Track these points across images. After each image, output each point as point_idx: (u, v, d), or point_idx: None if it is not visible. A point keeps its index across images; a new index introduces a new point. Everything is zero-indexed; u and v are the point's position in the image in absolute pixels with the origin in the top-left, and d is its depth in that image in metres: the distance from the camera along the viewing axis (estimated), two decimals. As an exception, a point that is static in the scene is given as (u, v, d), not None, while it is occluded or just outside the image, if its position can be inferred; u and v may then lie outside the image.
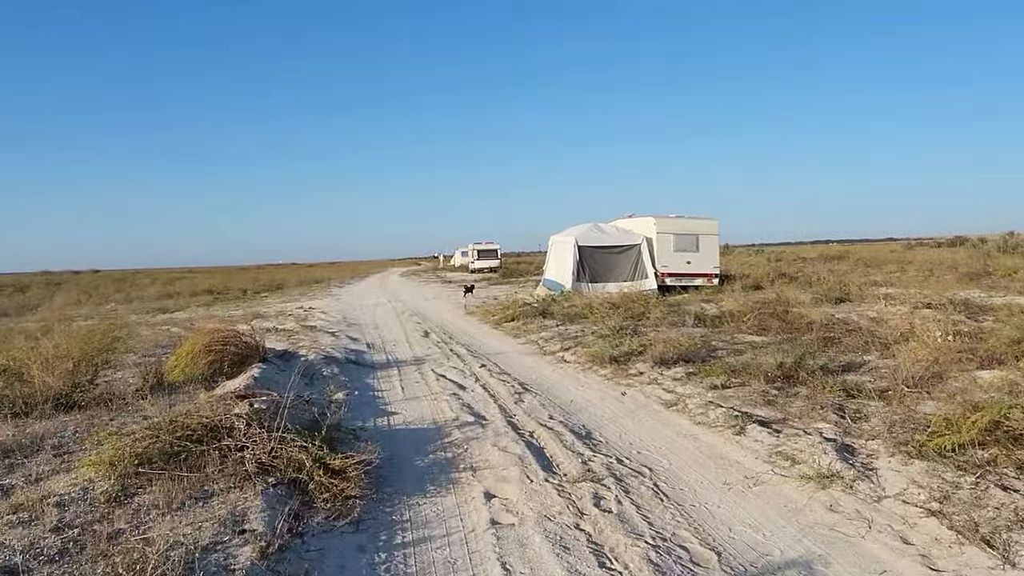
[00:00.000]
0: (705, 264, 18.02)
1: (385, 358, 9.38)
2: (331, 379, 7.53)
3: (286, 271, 53.91)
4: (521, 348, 9.87)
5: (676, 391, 6.25)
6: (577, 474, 4.21)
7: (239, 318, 15.68)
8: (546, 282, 19.06)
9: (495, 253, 39.38)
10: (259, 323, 14.36)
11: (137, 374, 7.35)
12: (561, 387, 6.97)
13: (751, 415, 5.23)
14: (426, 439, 5.16)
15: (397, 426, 5.63)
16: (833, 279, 16.62)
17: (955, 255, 30.00)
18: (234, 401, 5.75)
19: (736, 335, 9.55)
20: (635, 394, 6.41)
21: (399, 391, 7.00)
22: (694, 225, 18.14)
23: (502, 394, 6.64)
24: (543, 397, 6.49)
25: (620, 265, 17.62)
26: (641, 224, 18.36)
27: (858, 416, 5.07)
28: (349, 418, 5.78)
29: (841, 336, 8.88)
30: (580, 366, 8.05)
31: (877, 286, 16.40)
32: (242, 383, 6.35)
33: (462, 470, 4.40)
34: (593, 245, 17.54)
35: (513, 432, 5.18)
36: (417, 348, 10.15)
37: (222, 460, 4.06)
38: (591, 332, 10.34)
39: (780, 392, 5.90)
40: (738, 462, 4.40)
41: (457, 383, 7.27)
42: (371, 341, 11.20)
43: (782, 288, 16.09)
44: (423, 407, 6.22)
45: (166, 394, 6.51)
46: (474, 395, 6.64)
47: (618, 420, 5.56)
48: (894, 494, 3.67)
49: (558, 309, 12.76)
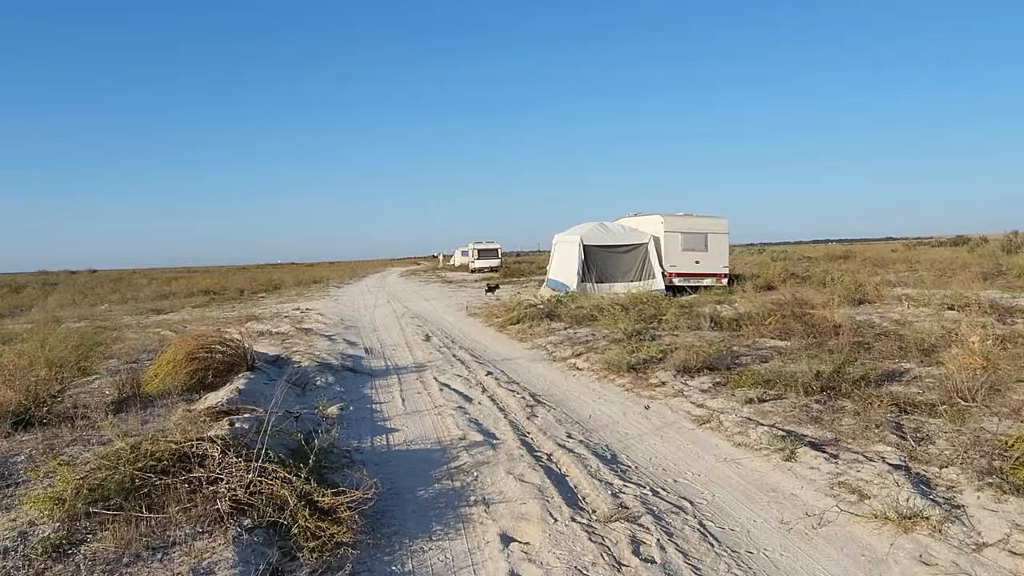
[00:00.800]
0: (714, 264, 17.38)
1: (384, 364, 8.74)
2: (325, 389, 6.89)
3: (285, 271, 53.18)
4: (529, 353, 9.23)
5: (706, 405, 5.61)
6: (608, 510, 3.57)
7: (233, 320, 15.05)
8: (550, 282, 18.43)
9: (496, 252, 38.72)
10: (253, 325, 13.72)
11: (114, 384, 6.71)
12: (577, 399, 6.33)
13: (798, 435, 4.59)
14: (430, 463, 4.52)
15: (397, 446, 4.99)
16: (848, 279, 15.99)
17: (957, 254, 29.46)
18: (213, 419, 5.11)
19: (757, 339, 8.93)
20: (660, 408, 5.76)
21: (399, 403, 6.35)
22: (703, 223, 17.50)
23: (512, 407, 6.00)
24: (558, 411, 5.85)
25: (626, 265, 16.99)
26: (648, 222, 17.72)
27: (921, 437, 4.44)
28: (344, 436, 5.14)
29: (871, 341, 8.26)
30: (595, 374, 7.41)
31: (891, 286, 15.79)
32: (225, 396, 5.71)
33: (473, 504, 3.76)
34: (599, 244, 16.91)
35: (529, 455, 4.54)
36: (418, 353, 9.51)
37: (191, 496, 3.42)
38: (603, 336, 9.71)
39: (824, 406, 5.27)
40: (794, 495, 3.76)
41: (462, 394, 6.63)
42: (369, 345, 10.56)
43: (796, 289, 15.48)
44: (426, 423, 5.58)
45: (141, 408, 5.87)
46: (481, 408, 6.00)
47: (645, 440, 4.92)
48: (995, 541, 3.03)
49: (565, 311, 12.12)
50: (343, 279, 38.93)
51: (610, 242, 17.05)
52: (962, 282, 15.61)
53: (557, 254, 18.51)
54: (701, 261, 17.31)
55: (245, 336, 10.84)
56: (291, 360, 8.84)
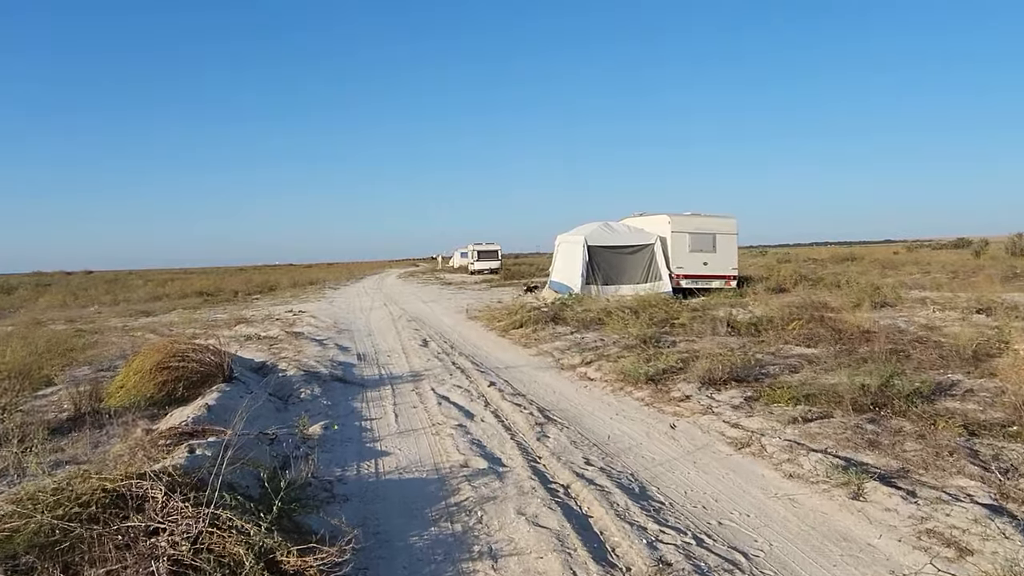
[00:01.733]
0: (723, 265, 16.67)
1: (377, 373, 8.01)
2: (309, 403, 6.16)
3: (281, 272, 52.36)
4: (534, 361, 8.51)
5: (742, 424, 4.89)
6: (647, 568, 2.85)
7: (222, 323, 14.32)
8: (552, 284, 17.71)
9: (495, 254, 37.95)
10: (242, 328, 13.00)
11: (77, 395, 5.97)
12: (591, 415, 5.61)
13: (859, 464, 3.88)
14: (426, 498, 3.79)
15: (388, 475, 4.26)
16: (864, 282, 15.29)
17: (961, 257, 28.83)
18: (175, 441, 4.39)
19: (781, 346, 8.21)
20: (689, 428, 5.04)
21: (392, 420, 5.63)
22: (711, 223, 16.79)
23: (520, 426, 5.28)
24: (572, 430, 5.12)
25: (632, 266, 16.28)
26: (654, 222, 17.01)
27: (1005, 467, 3.72)
28: (326, 462, 4.42)
29: (907, 348, 7.56)
30: (609, 386, 6.69)
31: (907, 289, 15.11)
32: (192, 414, 4.98)
33: (477, 557, 3.03)
34: (603, 245, 16.19)
35: (543, 488, 3.82)
36: (415, 360, 8.78)
37: (121, 554, 2.69)
38: (613, 342, 8.99)
39: (879, 427, 4.55)
40: (871, 546, 3.04)
41: (463, 409, 5.91)
42: (362, 351, 9.82)
43: (812, 291, 14.79)
44: (421, 445, 4.85)
45: (97, 427, 5.15)
46: (485, 427, 5.27)
47: (677, 468, 4.20)
48: None
49: (571, 314, 11.40)
50: (340, 280, 38.18)
51: (615, 243, 16.33)
52: (978, 284, 14.96)
53: (560, 255, 17.80)
54: (709, 262, 16.60)
55: (223, 342, 10.12)
56: (276, 368, 8.12)
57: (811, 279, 17.04)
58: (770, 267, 25.97)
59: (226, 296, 25.59)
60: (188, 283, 34.24)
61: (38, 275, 54.70)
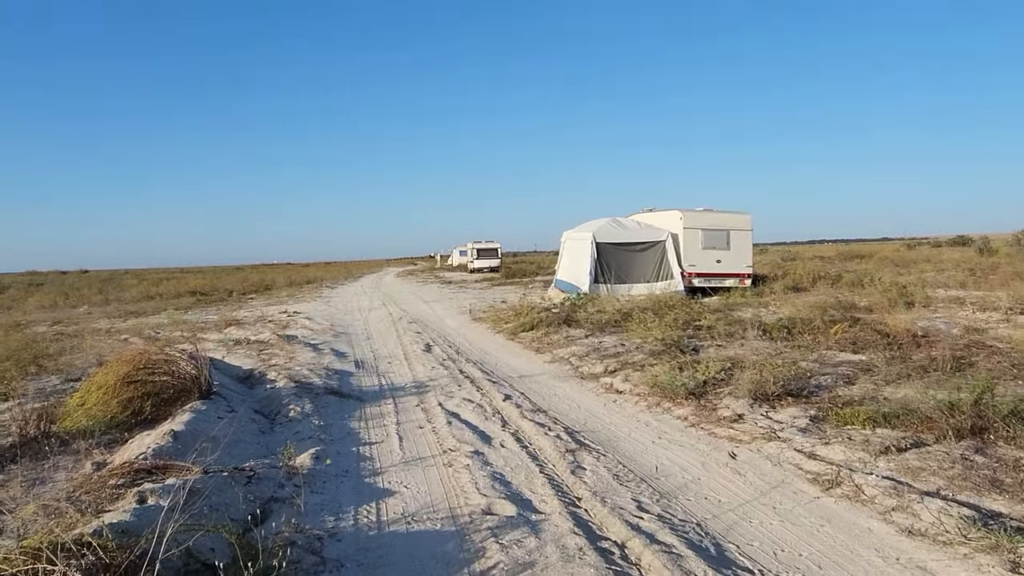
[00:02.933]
0: (737, 263, 15.83)
1: (377, 384, 7.12)
2: (299, 423, 5.27)
3: (279, 271, 51.28)
4: (551, 369, 7.64)
5: (819, 454, 4.02)
6: None
7: (211, 325, 13.40)
8: (559, 283, 16.84)
9: (495, 252, 37.01)
10: (232, 331, 12.09)
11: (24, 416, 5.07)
12: (629, 438, 4.74)
13: (993, 516, 3.02)
14: (443, 563, 2.92)
15: (392, 525, 3.38)
16: (887, 280, 14.46)
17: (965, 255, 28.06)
18: (129, 480, 3.51)
19: (824, 352, 7.36)
20: (752, 457, 4.18)
21: (395, 445, 4.74)
22: (724, 219, 15.94)
23: (547, 453, 4.41)
24: (611, 459, 4.25)
25: (642, 264, 15.42)
26: (665, 219, 16.15)
27: None
28: (315, 507, 3.54)
29: (967, 356, 6.73)
30: (642, 400, 5.82)
31: (932, 287, 14.28)
32: (154, 443, 4.08)
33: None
34: (612, 242, 15.33)
35: (592, 549, 2.94)
36: (418, 368, 7.90)
37: None
38: (635, 347, 8.13)
39: (991, 459, 3.70)
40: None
41: (477, 429, 5.03)
42: (360, 357, 8.93)
43: (833, 290, 13.96)
44: (432, 481, 3.97)
45: (40, 458, 4.25)
46: (506, 455, 4.40)
47: (753, 515, 3.34)
48: None
49: (584, 316, 10.52)
50: (337, 280, 37.21)
51: (625, 239, 15.47)
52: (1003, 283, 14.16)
53: (566, 253, 16.92)
54: (723, 260, 15.75)
55: (210, 347, 9.22)
56: (265, 378, 7.23)
57: (829, 277, 16.19)
58: (777, 265, 25.15)
59: (220, 296, 24.63)
60: (183, 282, 33.28)
61: (32, 275, 53.52)
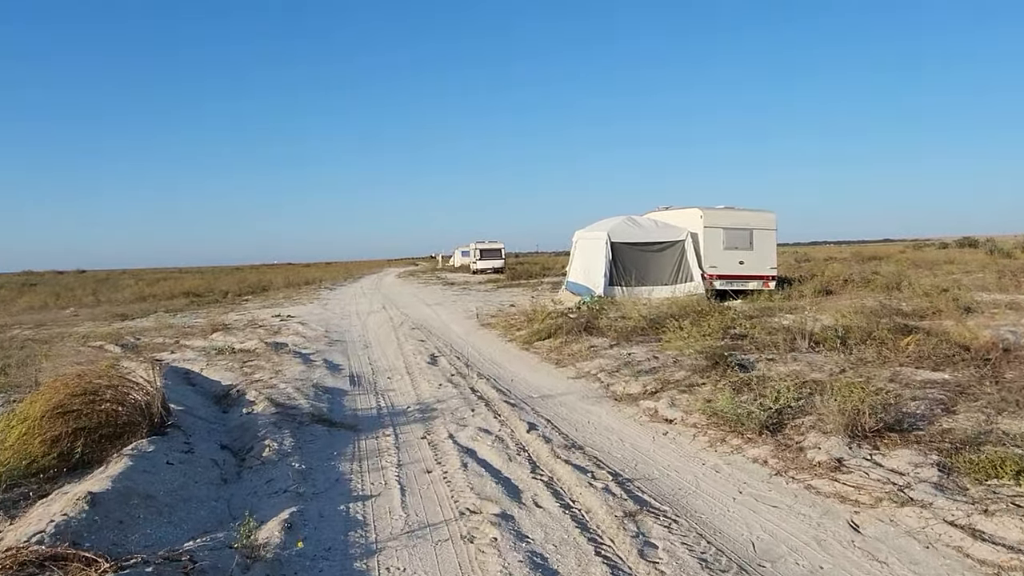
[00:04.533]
0: (760, 264, 14.70)
1: (375, 406, 5.99)
2: (273, 467, 4.12)
3: (278, 271, 50.01)
4: (576, 387, 6.51)
5: (983, 530, 2.88)
6: None
7: (198, 330, 12.26)
8: (570, 285, 15.71)
9: (499, 253, 35.79)
10: (218, 338, 10.96)
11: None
12: (700, 492, 3.60)
13: None
14: None
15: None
16: (926, 283, 13.32)
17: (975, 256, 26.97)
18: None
19: (896, 369, 6.23)
20: (887, 532, 3.03)
21: (396, 503, 3.60)
22: (747, 218, 14.82)
23: (599, 517, 3.27)
24: (686, 528, 3.11)
25: (660, 265, 14.30)
26: (683, 217, 15.02)
27: None
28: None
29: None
30: (700, 434, 4.67)
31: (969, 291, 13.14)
32: (60, 513, 2.92)
33: None
34: (628, 242, 14.21)
35: None
36: (423, 385, 6.76)
37: None
38: (671, 360, 6.99)
39: None
40: None
41: (500, 475, 3.90)
42: (357, 371, 7.79)
43: (866, 293, 12.84)
44: (447, 569, 2.84)
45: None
46: (544, 521, 3.26)
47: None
48: None
49: (606, 323, 9.38)
50: (337, 280, 36.03)
51: (642, 239, 14.35)
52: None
53: (579, 253, 15.79)
54: (746, 261, 14.62)
55: (181, 360, 8.07)
56: (243, 398, 6.09)
57: (860, 280, 15.06)
58: (792, 267, 24.05)
59: (215, 297, 23.48)
60: (179, 283, 32.15)
61: (27, 274, 52.31)
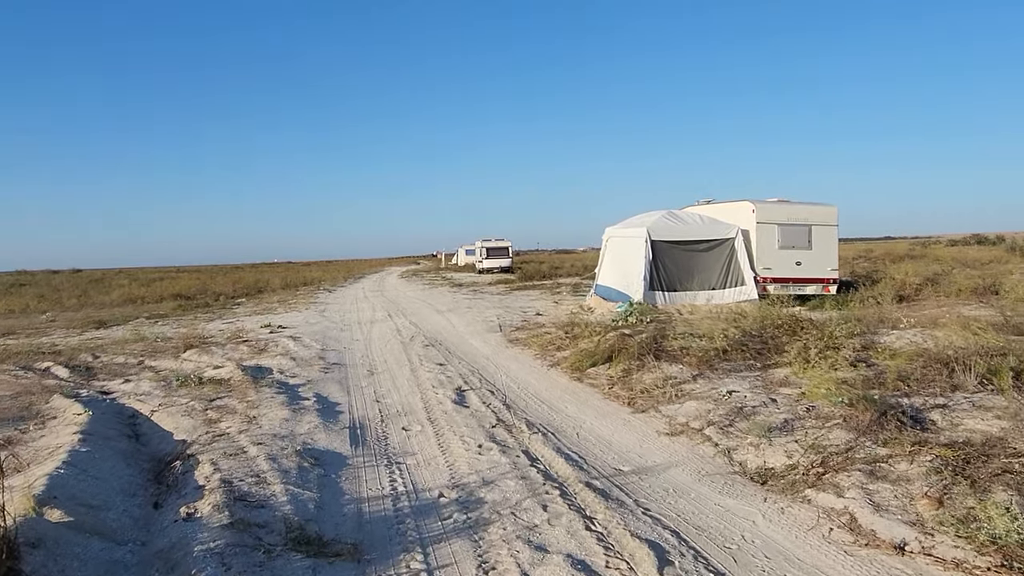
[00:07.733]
0: (820, 266, 12.57)
1: (389, 495, 3.82)
2: None
3: (277, 271, 47.69)
4: (680, 453, 4.35)
5: None
6: None
7: (170, 348, 10.03)
8: (600, 290, 13.53)
9: (507, 251, 33.40)
10: (191, 357, 8.78)
11: None
12: None
13: None
14: None
15: None
16: (1021, 287, 11.20)
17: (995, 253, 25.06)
18: None
19: None
20: None
21: None
22: (805, 212, 12.68)
23: None
24: None
25: (706, 267, 12.16)
26: (732, 211, 12.88)
27: None
28: None
29: None
30: (992, 592, 2.53)
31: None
32: None
33: None
34: (671, 240, 12.07)
35: None
36: (456, 448, 4.59)
37: None
38: (803, 407, 4.85)
39: None
40: None
41: None
42: (359, 418, 5.62)
43: (961, 299, 10.73)
44: None
45: None
46: None
47: None
48: None
49: (678, 344, 7.22)
50: (337, 281, 33.78)
51: (686, 236, 12.21)
52: None
53: (610, 253, 13.63)
54: (803, 262, 12.49)
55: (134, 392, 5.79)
56: (191, 475, 3.92)
57: (935, 283, 12.95)
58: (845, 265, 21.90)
59: (205, 300, 21.24)
60: (174, 284, 29.92)
61: (20, 274, 49.79)
